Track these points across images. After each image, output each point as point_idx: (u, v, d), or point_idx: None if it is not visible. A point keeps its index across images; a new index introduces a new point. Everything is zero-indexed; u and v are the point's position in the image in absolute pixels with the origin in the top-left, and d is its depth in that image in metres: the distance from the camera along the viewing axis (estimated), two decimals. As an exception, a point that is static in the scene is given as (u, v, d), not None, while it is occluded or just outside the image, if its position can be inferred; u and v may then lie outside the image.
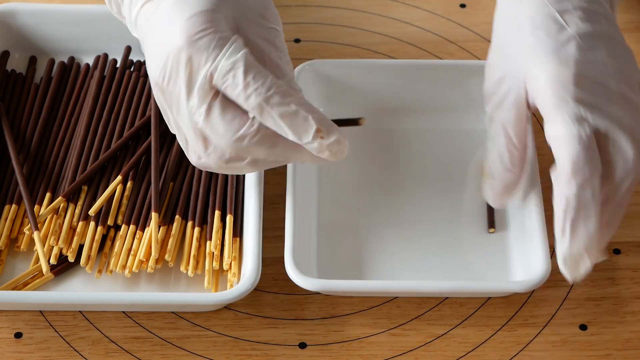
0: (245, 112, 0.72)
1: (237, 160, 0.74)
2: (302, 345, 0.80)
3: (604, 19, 0.76)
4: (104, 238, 0.83)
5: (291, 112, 0.71)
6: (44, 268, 0.80)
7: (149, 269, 0.81)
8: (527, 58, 0.74)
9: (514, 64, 0.76)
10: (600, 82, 0.73)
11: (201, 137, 0.73)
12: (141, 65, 0.92)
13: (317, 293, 0.82)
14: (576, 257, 0.73)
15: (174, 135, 0.87)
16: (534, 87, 0.74)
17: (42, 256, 0.80)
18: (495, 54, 0.78)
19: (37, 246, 0.80)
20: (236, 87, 0.71)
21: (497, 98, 0.77)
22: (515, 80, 0.76)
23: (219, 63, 0.71)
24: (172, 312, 0.81)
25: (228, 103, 0.72)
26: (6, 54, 0.93)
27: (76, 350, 0.79)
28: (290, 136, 0.71)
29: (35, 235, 0.81)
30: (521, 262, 0.82)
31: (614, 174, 0.72)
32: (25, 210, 0.84)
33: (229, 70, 0.71)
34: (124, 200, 0.84)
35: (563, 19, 0.75)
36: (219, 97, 0.72)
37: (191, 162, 0.76)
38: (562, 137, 0.72)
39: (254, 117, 0.71)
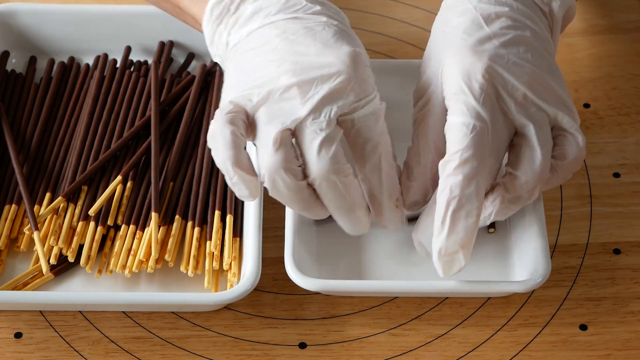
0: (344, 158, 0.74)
1: (293, 177, 0.73)
2: (302, 345, 0.80)
3: (530, 31, 0.77)
4: (104, 238, 0.83)
5: (393, 176, 0.76)
6: (44, 268, 0.80)
7: (149, 269, 0.81)
8: (446, 57, 0.76)
9: (436, 66, 0.78)
10: (510, 81, 0.75)
11: (281, 139, 0.73)
12: (141, 65, 0.92)
13: (317, 293, 0.82)
14: (451, 252, 0.73)
15: (174, 135, 0.87)
16: (445, 80, 0.76)
17: (42, 256, 0.80)
18: (424, 59, 0.80)
19: (37, 246, 0.80)
20: (372, 130, 0.74)
21: (421, 101, 0.79)
22: (436, 81, 0.77)
23: (369, 103, 0.74)
24: (172, 312, 0.81)
25: (340, 143, 0.74)
26: (6, 54, 0.93)
27: (76, 350, 0.79)
28: (384, 191, 0.75)
29: (35, 235, 0.81)
30: (521, 262, 0.82)
31: (519, 174, 0.75)
32: (25, 210, 0.84)
33: (371, 114, 0.74)
34: (124, 200, 0.84)
35: (487, 24, 0.77)
36: (341, 130, 0.74)
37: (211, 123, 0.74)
38: (456, 126, 0.74)
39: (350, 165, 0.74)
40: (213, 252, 0.81)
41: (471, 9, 0.78)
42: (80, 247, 0.82)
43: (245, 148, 0.74)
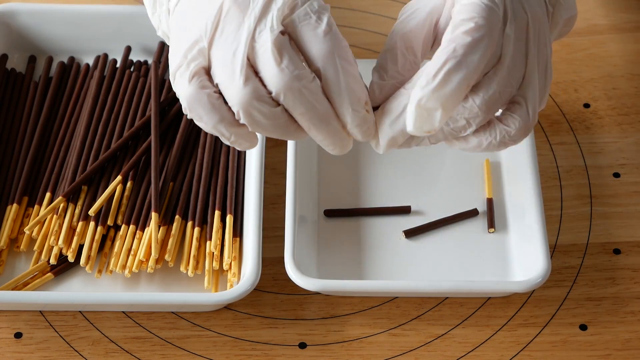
0: (303, 63, 0.70)
1: (268, 105, 0.70)
2: (302, 345, 0.80)
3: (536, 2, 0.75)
4: (104, 238, 0.83)
5: (355, 76, 0.70)
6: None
7: (149, 269, 0.81)
8: None
9: None
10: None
11: (245, 67, 0.70)
12: (141, 65, 0.92)
13: (317, 293, 0.82)
14: (430, 107, 0.69)
15: (174, 135, 0.87)
16: None
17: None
18: None
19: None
20: (317, 28, 0.70)
21: (409, 7, 0.75)
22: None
23: (308, 0, 0.70)
24: (172, 312, 0.81)
25: (292, 45, 0.70)
26: (4, 57, 0.93)
27: (76, 351, 0.79)
28: (345, 97, 0.70)
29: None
30: (521, 262, 0.82)
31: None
32: (25, 211, 0.84)
33: (316, 11, 0.70)
34: (124, 200, 0.84)
35: None
36: (286, 36, 0.70)
37: (183, 92, 0.71)
38: (474, 3, 0.71)
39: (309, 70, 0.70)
40: (213, 252, 0.81)
41: None
42: (80, 247, 0.82)
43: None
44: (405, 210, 0.85)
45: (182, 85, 0.71)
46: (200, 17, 0.71)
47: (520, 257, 0.82)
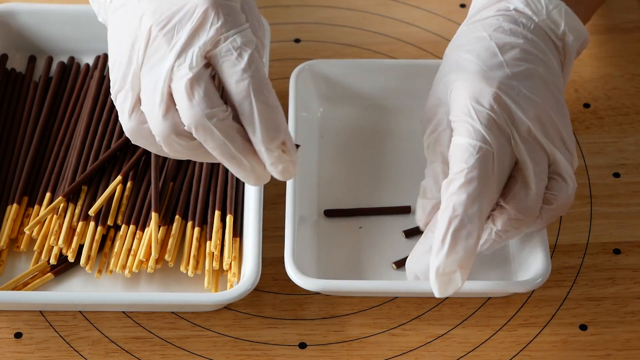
0: (220, 99, 0.70)
1: (186, 138, 0.71)
2: (302, 345, 0.80)
3: (543, 65, 0.77)
4: (104, 238, 0.83)
5: (271, 114, 0.70)
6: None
7: (149, 269, 0.81)
8: (457, 80, 0.76)
9: (446, 89, 0.77)
10: (517, 113, 0.74)
11: (165, 99, 0.70)
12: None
13: (317, 293, 0.82)
14: (449, 272, 0.72)
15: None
16: (453, 102, 0.76)
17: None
18: (435, 81, 0.80)
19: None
20: (236, 65, 0.70)
21: (432, 125, 0.78)
22: (446, 104, 0.77)
23: (232, 36, 0.70)
24: (172, 312, 0.81)
25: (212, 81, 0.71)
26: (4, 57, 0.93)
27: (76, 351, 0.79)
28: (258, 136, 0.70)
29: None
30: (521, 262, 0.81)
31: (509, 208, 0.75)
32: (25, 211, 0.84)
33: (238, 47, 0.70)
34: (124, 200, 0.84)
35: (501, 53, 0.76)
36: (209, 70, 0.71)
37: (125, 126, 0.72)
38: (462, 146, 0.74)
39: (226, 106, 0.70)
40: (213, 252, 0.81)
41: (486, 36, 0.77)
42: (80, 247, 0.82)
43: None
44: (405, 210, 0.85)
45: (124, 119, 0.73)
46: (133, 34, 0.72)
47: (521, 257, 0.82)
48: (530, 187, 0.75)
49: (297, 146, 0.72)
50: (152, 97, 0.70)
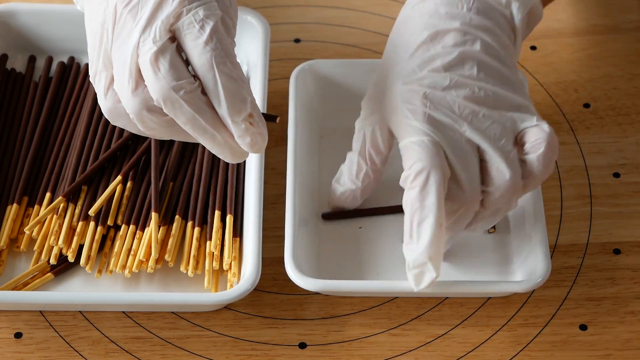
0: (188, 72, 0.71)
1: (158, 114, 0.71)
2: (302, 345, 0.80)
3: (480, 43, 0.77)
4: (104, 238, 0.83)
5: (235, 86, 0.70)
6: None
7: (149, 269, 0.81)
8: (392, 79, 0.77)
9: (383, 84, 0.78)
10: (454, 101, 0.75)
11: (134, 75, 0.71)
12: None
13: (317, 293, 0.82)
14: (420, 264, 0.74)
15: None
16: (391, 112, 0.77)
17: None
18: (379, 68, 0.80)
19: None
20: (198, 38, 0.70)
21: (367, 111, 0.79)
22: (381, 102, 0.78)
23: (195, 8, 0.71)
24: (172, 312, 0.81)
25: (178, 54, 0.71)
26: (4, 57, 0.93)
27: (76, 351, 0.79)
28: (223, 108, 0.70)
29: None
30: (521, 262, 0.81)
31: (492, 190, 0.76)
32: (25, 211, 0.84)
33: (200, 20, 0.70)
34: (124, 200, 0.84)
35: (432, 44, 0.77)
36: (174, 43, 0.71)
37: (102, 106, 0.73)
38: (406, 146, 0.75)
39: (194, 77, 0.70)
40: (213, 252, 0.81)
41: (421, 27, 0.78)
42: (80, 247, 0.82)
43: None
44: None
45: (100, 99, 0.73)
46: (102, 14, 0.72)
47: (520, 257, 0.82)
48: (500, 163, 0.75)
49: (275, 117, 0.73)
50: (121, 74, 0.71)
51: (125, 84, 0.71)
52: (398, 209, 0.85)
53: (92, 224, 0.83)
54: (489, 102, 0.76)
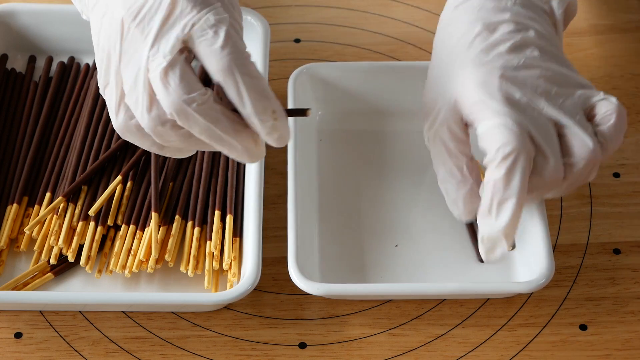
0: (199, 83, 0.70)
1: (173, 128, 0.71)
2: (302, 345, 0.80)
3: (533, 31, 0.78)
4: (104, 238, 0.83)
5: (257, 84, 0.70)
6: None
7: (149, 269, 0.81)
8: (455, 71, 0.77)
9: (444, 82, 0.77)
10: (528, 81, 0.75)
11: (148, 91, 0.70)
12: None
13: (317, 293, 0.82)
14: (494, 239, 0.74)
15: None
16: (462, 96, 0.76)
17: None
18: (429, 76, 0.80)
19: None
20: (214, 43, 0.70)
21: (430, 119, 0.78)
22: (445, 96, 0.77)
23: (205, 15, 0.70)
24: (172, 312, 0.81)
25: (188, 65, 0.71)
26: (4, 57, 0.93)
27: (76, 351, 0.79)
28: (248, 108, 0.70)
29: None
30: (523, 263, 0.81)
31: (576, 160, 0.75)
32: (25, 211, 0.84)
33: (212, 25, 0.70)
34: (124, 200, 0.84)
35: (491, 33, 0.77)
36: (183, 55, 0.70)
37: (114, 123, 0.73)
38: (490, 129, 0.74)
39: (206, 88, 0.70)
40: (213, 252, 0.81)
41: (472, 20, 0.78)
42: (80, 247, 0.82)
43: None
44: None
45: (112, 115, 0.73)
46: (108, 28, 0.72)
47: (523, 257, 0.82)
48: (581, 134, 0.75)
49: (305, 110, 0.73)
50: (134, 90, 0.71)
51: (140, 101, 0.70)
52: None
53: (92, 224, 0.83)
54: (558, 81, 0.76)
